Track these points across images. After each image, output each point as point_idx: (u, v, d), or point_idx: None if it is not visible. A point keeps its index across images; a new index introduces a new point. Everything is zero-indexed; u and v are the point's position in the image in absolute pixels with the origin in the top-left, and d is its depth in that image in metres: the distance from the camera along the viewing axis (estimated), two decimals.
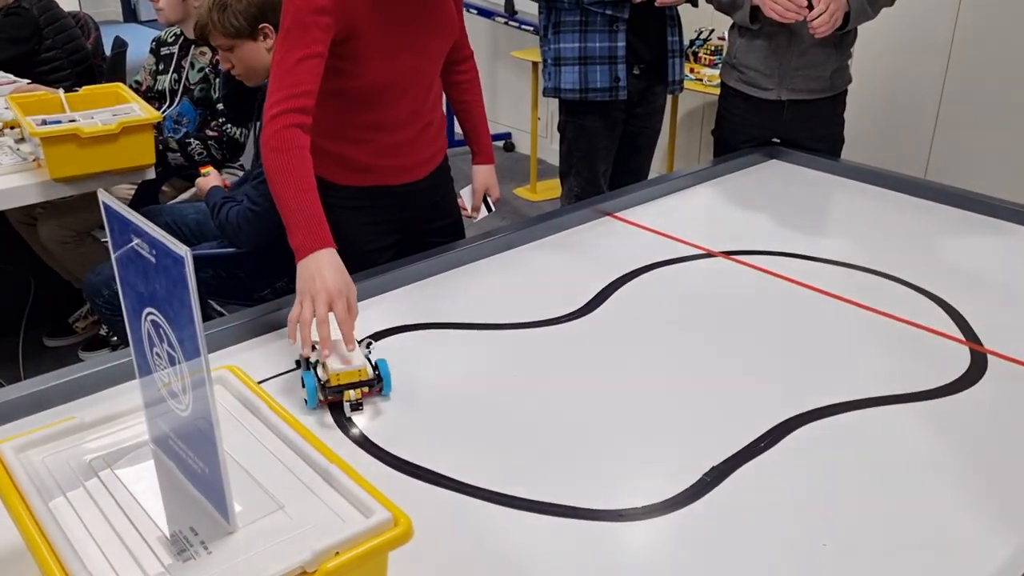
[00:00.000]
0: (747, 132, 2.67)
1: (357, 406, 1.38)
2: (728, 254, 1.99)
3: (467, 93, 2.12)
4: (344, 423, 1.37)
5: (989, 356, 1.58)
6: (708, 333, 1.67)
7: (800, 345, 1.63)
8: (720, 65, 4.12)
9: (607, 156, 2.79)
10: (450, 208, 2.16)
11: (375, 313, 1.71)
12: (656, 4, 2.61)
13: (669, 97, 2.96)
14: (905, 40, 3.71)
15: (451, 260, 1.90)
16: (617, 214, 2.20)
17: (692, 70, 4.18)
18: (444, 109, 2.11)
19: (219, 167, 3.10)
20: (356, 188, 1.97)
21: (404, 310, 1.73)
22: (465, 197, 2.04)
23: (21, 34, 3.67)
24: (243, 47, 2.32)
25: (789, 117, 2.60)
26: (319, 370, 1.40)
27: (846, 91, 2.66)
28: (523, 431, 1.36)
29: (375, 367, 1.42)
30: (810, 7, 2.33)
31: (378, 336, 1.62)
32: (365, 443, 1.32)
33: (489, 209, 2.02)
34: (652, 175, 2.92)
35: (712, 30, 4.22)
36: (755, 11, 2.46)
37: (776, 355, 1.59)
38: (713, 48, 4.19)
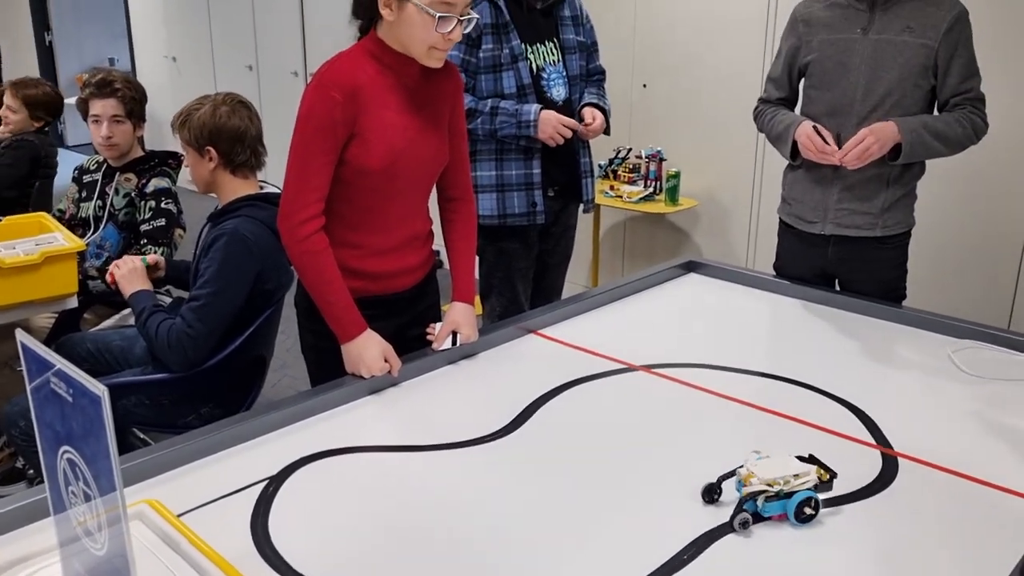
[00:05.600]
0: (800, 267, 2.58)
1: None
2: (648, 367, 2.04)
3: (456, 232, 2.19)
4: (272, 556, 1.35)
5: (900, 459, 1.64)
6: (631, 446, 1.70)
7: (720, 455, 1.66)
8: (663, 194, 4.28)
9: (526, 275, 2.86)
10: (432, 319, 2.19)
11: (294, 441, 1.70)
12: (582, 138, 2.76)
13: (590, 215, 3.05)
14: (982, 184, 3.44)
15: (374, 383, 1.91)
16: (540, 331, 2.25)
17: (612, 187, 4.33)
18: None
19: None
20: None
21: (326, 435, 1.73)
22: (437, 325, 2.09)
23: (19, 172, 3.85)
24: (192, 155, 2.46)
25: (835, 256, 2.50)
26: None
27: (906, 235, 2.50)
28: (448, 552, 1.36)
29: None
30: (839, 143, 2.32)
31: (300, 463, 1.62)
32: (288, 573, 1.31)
33: (454, 343, 2.06)
34: (577, 290, 2.99)
35: (629, 149, 4.40)
36: (795, 148, 2.44)
37: (697, 466, 1.62)
38: (631, 166, 4.36)
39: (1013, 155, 3.31)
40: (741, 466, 1.45)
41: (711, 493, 1.49)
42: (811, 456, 1.51)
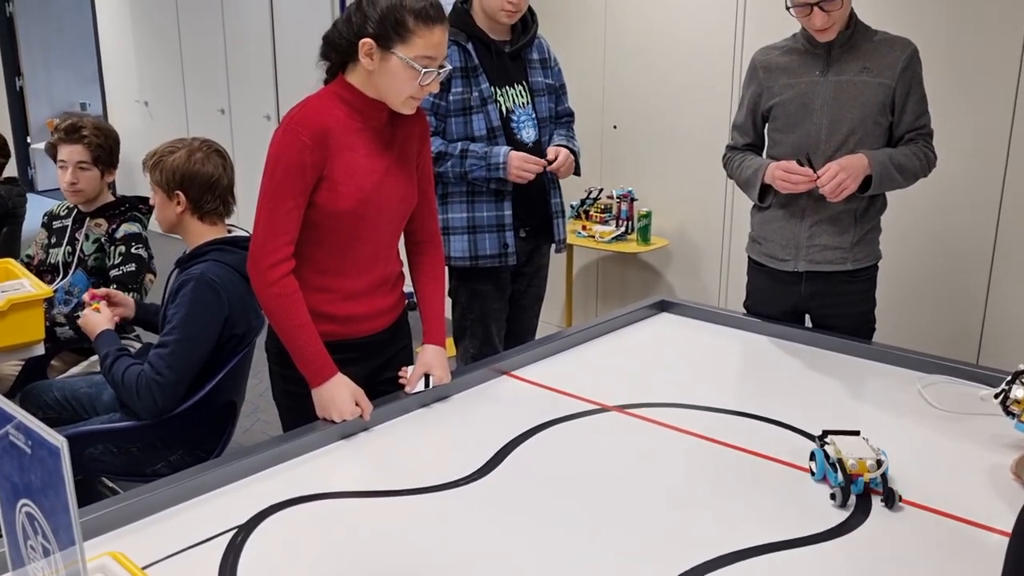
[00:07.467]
0: (773, 305, 2.60)
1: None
2: (622, 408, 2.03)
3: (424, 275, 2.20)
4: None
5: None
6: (606, 488, 1.69)
7: (695, 494, 1.66)
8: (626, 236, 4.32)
9: (500, 316, 2.86)
10: (404, 362, 2.19)
11: (264, 488, 1.68)
12: (550, 172, 2.77)
13: (563, 255, 3.06)
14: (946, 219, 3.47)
15: (346, 428, 1.89)
16: (513, 372, 2.24)
17: (584, 227, 4.35)
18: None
19: None
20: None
21: (296, 482, 1.70)
22: (409, 369, 2.09)
23: None
24: (160, 196, 2.45)
25: (808, 291, 2.54)
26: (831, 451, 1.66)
27: (874, 268, 2.56)
28: None
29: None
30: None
31: (270, 511, 1.59)
32: None
33: (427, 385, 2.05)
34: (551, 330, 2.99)
35: (601, 189, 4.43)
36: (764, 191, 2.49)
37: (673, 506, 1.62)
38: (603, 207, 4.39)
39: (972, 187, 3.36)
40: (837, 461, 1.62)
41: (846, 494, 1.60)
42: (825, 431, 1.74)
